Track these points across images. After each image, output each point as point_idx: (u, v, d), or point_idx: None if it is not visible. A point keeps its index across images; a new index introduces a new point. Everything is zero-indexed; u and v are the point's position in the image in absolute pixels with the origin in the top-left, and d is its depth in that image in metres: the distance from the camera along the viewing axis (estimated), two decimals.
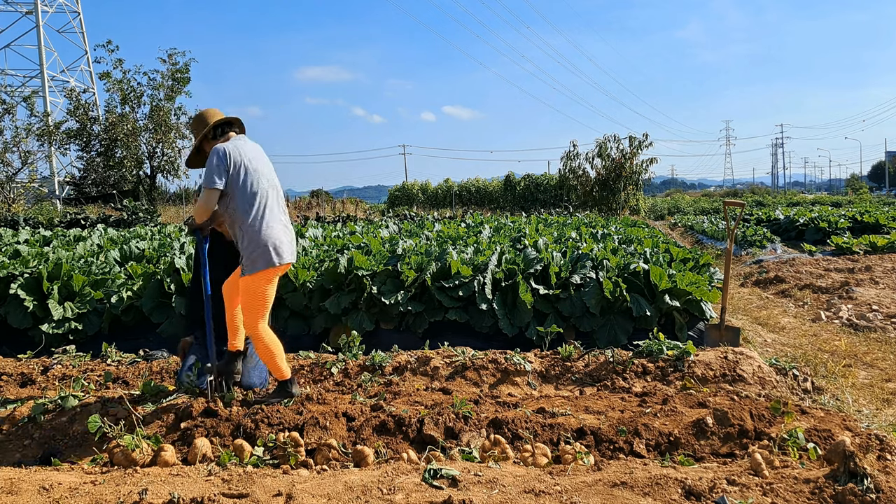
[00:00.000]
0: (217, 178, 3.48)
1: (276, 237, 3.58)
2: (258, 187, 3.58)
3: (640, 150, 27.10)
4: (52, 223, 18.70)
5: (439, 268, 6.33)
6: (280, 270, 3.62)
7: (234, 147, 3.58)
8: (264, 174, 3.66)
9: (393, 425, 3.35)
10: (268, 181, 3.67)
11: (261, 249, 3.52)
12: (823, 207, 26.37)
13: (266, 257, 3.52)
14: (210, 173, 3.49)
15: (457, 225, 13.64)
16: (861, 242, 13.17)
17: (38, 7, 44.15)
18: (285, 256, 3.59)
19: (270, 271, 3.55)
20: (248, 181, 3.55)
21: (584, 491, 2.56)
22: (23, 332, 6.03)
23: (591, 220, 17.64)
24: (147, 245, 8.39)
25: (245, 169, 3.55)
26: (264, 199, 3.60)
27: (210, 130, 3.74)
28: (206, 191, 3.51)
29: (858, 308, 7.72)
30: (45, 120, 25.41)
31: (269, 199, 3.64)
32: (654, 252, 7.58)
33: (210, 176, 3.49)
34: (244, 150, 3.61)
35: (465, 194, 41.80)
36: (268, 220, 3.58)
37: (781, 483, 2.58)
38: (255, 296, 3.57)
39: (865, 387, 4.88)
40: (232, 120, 3.80)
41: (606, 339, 5.71)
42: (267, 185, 3.65)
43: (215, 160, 3.50)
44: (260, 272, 3.52)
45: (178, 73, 25.57)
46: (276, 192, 3.72)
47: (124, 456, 3.02)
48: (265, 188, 3.63)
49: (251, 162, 3.60)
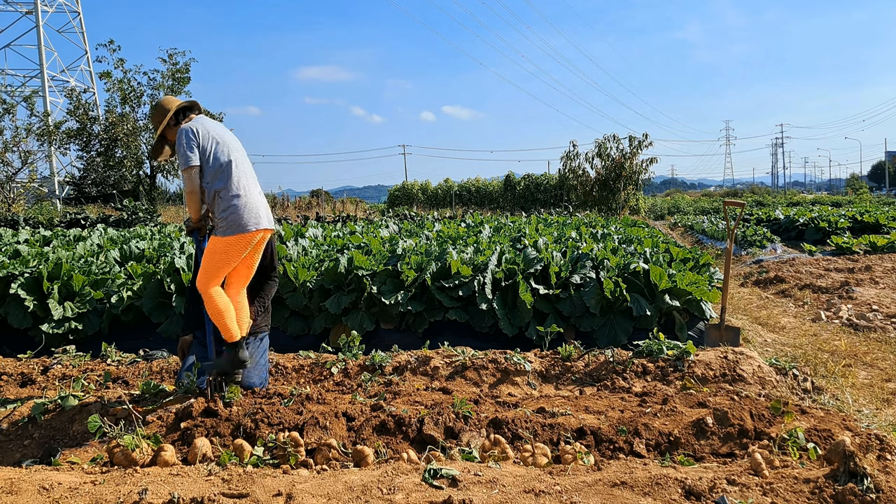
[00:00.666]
0: (190, 154, 3.53)
1: (253, 203, 3.62)
2: (231, 157, 3.64)
3: (640, 150, 27.11)
4: (52, 223, 18.70)
5: (439, 268, 6.33)
6: (254, 236, 3.62)
7: (198, 124, 3.64)
8: (233, 146, 3.71)
9: (393, 425, 3.35)
10: (238, 151, 3.72)
11: (237, 214, 3.55)
12: (823, 207, 26.37)
13: (242, 222, 3.55)
14: (183, 153, 3.54)
15: (457, 225, 13.64)
16: (861, 242, 13.17)
17: (38, 7, 44.17)
18: (262, 222, 3.64)
19: (245, 236, 3.58)
20: (218, 151, 3.61)
21: (584, 491, 2.56)
22: (23, 332, 6.03)
23: (591, 219, 17.64)
24: (147, 245, 8.39)
25: (214, 141, 3.61)
26: (238, 168, 3.64)
27: (172, 117, 3.76)
28: (185, 171, 3.55)
29: (858, 308, 7.72)
30: (45, 120, 25.43)
31: (242, 166, 3.69)
32: (654, 252, 7.58)
33: (184, 155, 3.54)
34: (208, 125, 3.68)
35: (465, 194, 41.80)
36: (245, 187, 3.63)
37: (781, 483, 2.58)
38: (220, 257, 3.58)
39: (865, 387, 4.88)
40: (191, 104, 3.85)
41: (606, 338, 5.72)
42: (238, 154, 3.70)
43: (184, 139, 3.56)
44: (234, 236, 3.55)
45: (178, 72, 25.59)
46: (246, 162, 3.77)
47: (124, 456, 3.02)
48: (237, 157, 3.68)
49: (218, 135, 3.66)
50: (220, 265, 3.61)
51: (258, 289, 4.25)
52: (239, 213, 3.55)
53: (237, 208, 3.55)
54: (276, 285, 4.39)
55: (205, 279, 3.62)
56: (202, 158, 3.57)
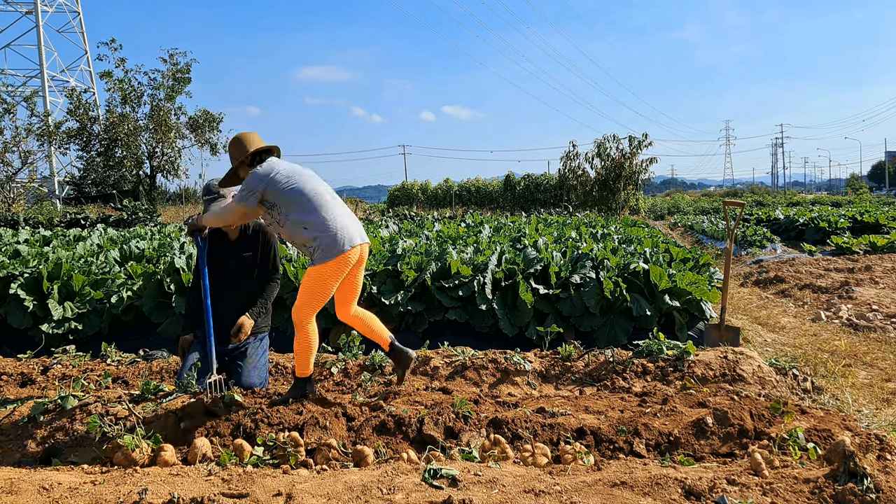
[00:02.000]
0: (250, 197, 3.48)
1: (343, 224, 3.51)
2: (310, 186, 3.55)
3: (640, 150, 27.12)
4: (51, 223, 18.71)
5: (439, 268, 6.33)
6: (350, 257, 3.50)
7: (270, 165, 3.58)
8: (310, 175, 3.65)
9: (393, 425, 3.35)
10: (317, 180, 3.65)
11: (329, 237, 3.44)
12: (823, 207, 26.37)
13: (336, 244, 3.44)
14: (245, 189, 3.50)
15: (457, 225, 13.64)
16: (861, 242, 13.17)
17: (38, 7, 44.16)
18: (355, 239, 3.52)
19: (341, 259, 3.46)
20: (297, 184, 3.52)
21: (584, 491, 2.56)
22: (23, 332, 6.03)
23: (591, 219, 17.64)
24: (147, 245, 8.39)
25: (288, 176, 3.53)
26: (320, 195, 3.55)
27: (248, 157, 3.71)
28: (236, 203, 3.52)
29: (858, 308, 7.72)
30: (45, 120, 25.43)
31: (325, 193, 3.60)
32: (654, 252, 7.58)
33: (244, 191, 3.50)
34: (282, 164, 3.62)
35: (465, 194, 41.80)
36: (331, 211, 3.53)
37: (781, 483, 2.58)
38: (317, 287, 3.50)
39: (865, 387, 4.88)
40: (270, 148, 3.78)
41: (606, 338, 5.72)
42: (318, 183, 3.62)
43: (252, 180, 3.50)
44: (331, 261, 3.44)
45: (178, 73, 25.60)
46: (328, 188, 3.68)
47: (124, 456, 3.02)
48: (317, 186, 3.59)
49: (293, 171, 3.59)
50: (319, 293, 3.52)
51: (260, 290, 4.25)
52: (329, 237, 3.44)
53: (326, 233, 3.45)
54: (279, 286, 4.40)
55: (303, 309, 3.54)
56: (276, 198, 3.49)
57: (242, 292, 4.17)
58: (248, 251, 4.20)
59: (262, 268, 4.24)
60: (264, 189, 3.49)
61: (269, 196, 3.51)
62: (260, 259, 4.23)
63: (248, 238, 4.22)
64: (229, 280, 4.15)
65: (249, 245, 4.21)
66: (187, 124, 26.45)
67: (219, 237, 4.17)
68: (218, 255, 4.15)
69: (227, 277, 4.15)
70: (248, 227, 4.22)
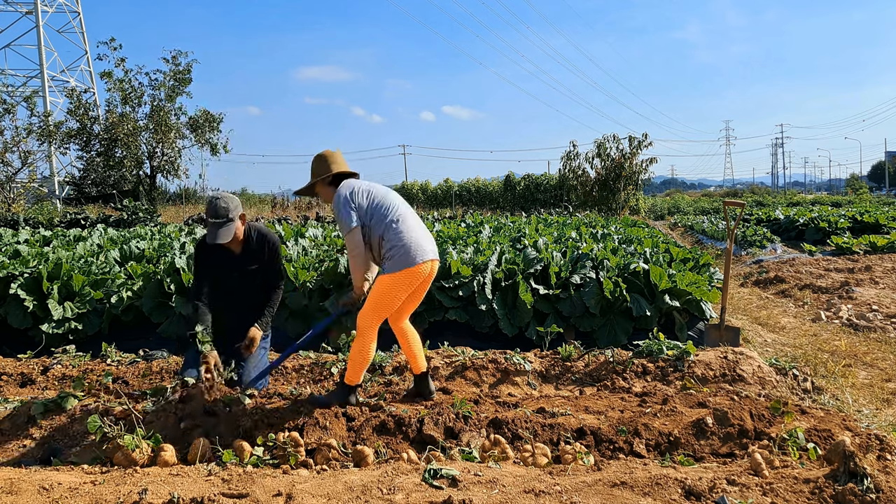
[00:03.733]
0: (350, 219, 3.55)
1: (416, 239, 3.61)
2: (386, 202, 3.67)
3: (640, 150, 27.11)
4: (51, 223, 18.70)
5: (439, 268, 6.33)
6: (420, 271, 3.58)
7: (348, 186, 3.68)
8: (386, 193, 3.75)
9: (393, 425, 3.35)
10: (393, 196, 3.76)
11: (402, 250, 3.54)
12: (823, 207, 26.36)
13: (406, 257, 3.53)
14: (342, 219, 3.57)
15: (457, 225, 13.64)
16: (861, 242, 13.17)
17: (38, 7, 44.15)
18: (428, 254, 3.62)
19: (410, 272, 3.54)
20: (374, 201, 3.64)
21: (584, 491, 2.56)
22: (23, 332, 6.03)
23: (591, 220, 17.64)
24: (147, 245, 8.39)
25: (365, 194, 3.65)
26: (396, 210, 3.66)
27: (330, 177, 3.81)
28: (348, 236, 3.55)
29: (858, 308, 7.72)
30: (45, 120, 25.42)
31: (401, 208, 3.71)
32: (654, 252, 7.58)
33: (343, 221, 3.57)
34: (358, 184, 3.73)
35: (465, 194, 41.79)
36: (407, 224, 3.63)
37: (781, 483, 2.58)
38: (386, 296, 3.57)
39: (865, 387, 4.88)
40: (352, 174, 3.88)
41: (606, 339, 5.71)
42: (394, 198, 3.74)
43: (341, 204, 3.59)
44: (400, 272, 3.52)
45: (180, 73, 25.60)
46: (405, 204, 3.80)
47: (124, 456, 3.02)
48: (393, 201, 3.71)
49: (369, 189, 3.70)
50: (385, 303, 3.59)
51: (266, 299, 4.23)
52: (402, 250, 3.54)
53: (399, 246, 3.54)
54: (282, 291, 4.37)
55: (368, 317, 3.61)
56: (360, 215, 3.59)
57: (249, 304, 4.12)
58: (253, 263, 4.13)
59: (266, 277, 4.20)
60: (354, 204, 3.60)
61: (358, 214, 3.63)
62: (265, 269, 4.18)
63: (253, 250, 4.14)
64: (237, 294, 4.11)
65: (255, 257, 4.14)
66: (187, 124, 26.46)
67: (223, 251, 4.10)
68: (224, 269, 4.09)
69: (234, 291, 4.11)
70: (252, 239, 4.13)
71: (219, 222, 3.89)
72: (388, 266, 3.54)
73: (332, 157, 3.83)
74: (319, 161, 3.82)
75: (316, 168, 3.82)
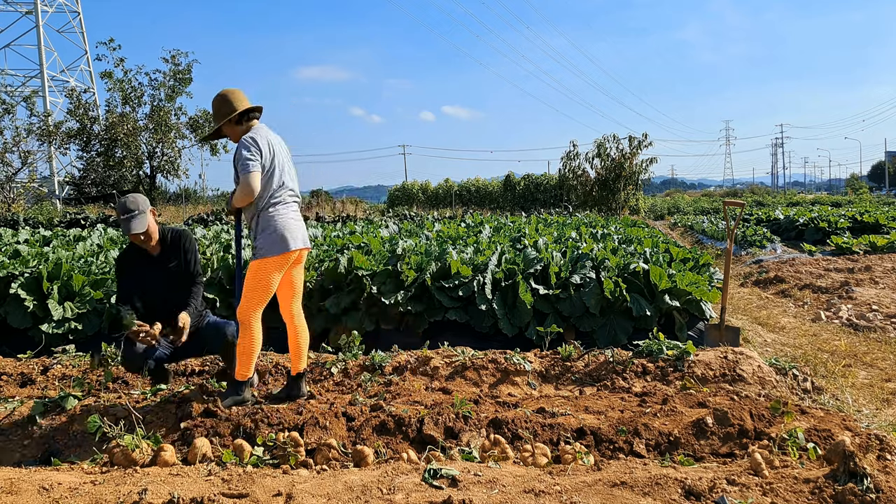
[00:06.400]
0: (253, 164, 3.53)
1: (289, 226, 3.66)
2: (280, 180, 3.68)
3: (640, 150, 27.14)
4: (51, 223, 18.70)
5: (439, 268, 6.33)
6: (291, 256, 3.66)
7: (263, 138, 3.65)
8: (286, 169, 3.76)
9: (393, 425, 3.35)
10: (288, 175, 3.77)
11: (276, 235, 3.59)
12: (823, 207, 26.36)
13: (280, 243, 3.59)
14: (245, 160, 3.53)
15: (457, 225, 13.64)
16: (861, 242, 13.17)
17: (38, 7, 44.18)
18: (298, 242, 3.67)
19: (281, 257, 3.62)
20: (271, 172, 3.64)
21: (583, 491, 2.56)
22: (23, 332, 6.03)
23: (591, 220, 17.64)
24: None
25: (271, 161, 3.64)
26: (283, 191, 3.70)
27: (236, 116, 3.74)
28: (247, 176, 3.52)
29: (858, 308, 7.72)
30: (45, 120, 25.43)
31: (287, 190, 3.74)
32: (654, 252, 7.58)
33: (245, 162, 3.53)
34: (272, 141, 3.70)
35: (465, 194, 41.80)
36: (284, 210, 3.68)
37: (781, 483, 2.58)
38: (260, 281, 3.62)
39: (865, 387, 4.88)
40: (256, 108, 3.83)
41: (606, 338, 5.71)
42: (287, 179, 3.75)
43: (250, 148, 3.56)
44: (271, 257, 3.59)
45: (180, 73, 25.60)
46: (293, 184, 3.82)
47: (124, 456, 3.02)
48: (286, 182, 3.73)
49: (276, 155, 3.69)
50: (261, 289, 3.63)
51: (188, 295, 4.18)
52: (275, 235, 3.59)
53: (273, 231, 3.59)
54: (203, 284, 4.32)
55: (246, 306, 3.65)
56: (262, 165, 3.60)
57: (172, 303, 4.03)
58: (172, 262, 4.08)
59: (186, 274, 4.14)
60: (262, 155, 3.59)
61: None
62: (184, 267, 4.12)
63: (170, 249, 4.10)
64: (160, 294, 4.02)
65: (173, 255, 4.09)
66: (187, 124, 26.46)
67: (142, 254, 4.06)
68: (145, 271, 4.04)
69: (157, 291, 4.04)
70: (167, 239, 4.09)
71: (131, 215, 3.89)
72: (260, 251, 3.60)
73: (235, 95, 3.76)
74: (223, 101, 3.74)
75: (221, 108, 3.74)
